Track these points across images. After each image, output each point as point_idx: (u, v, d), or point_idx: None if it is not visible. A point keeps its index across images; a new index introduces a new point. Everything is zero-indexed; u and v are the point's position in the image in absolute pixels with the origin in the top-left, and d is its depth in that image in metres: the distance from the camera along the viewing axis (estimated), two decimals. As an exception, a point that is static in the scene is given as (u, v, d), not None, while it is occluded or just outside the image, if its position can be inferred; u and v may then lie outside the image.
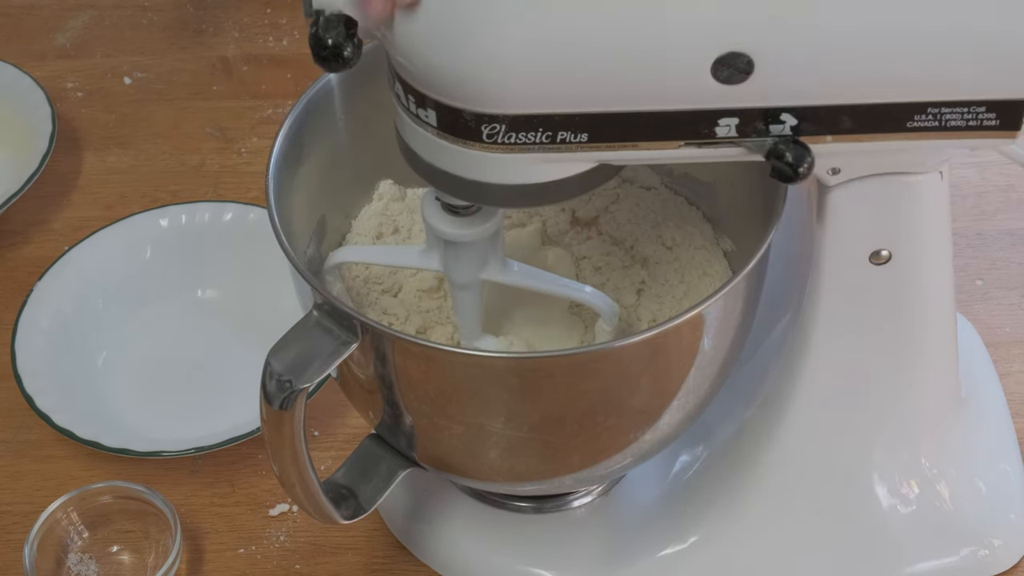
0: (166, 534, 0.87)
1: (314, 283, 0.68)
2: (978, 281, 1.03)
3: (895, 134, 0.64)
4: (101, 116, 1.21)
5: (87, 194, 1.14)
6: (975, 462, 0.85)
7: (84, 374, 0.98)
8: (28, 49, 1.27)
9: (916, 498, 0.83)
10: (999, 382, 0.93)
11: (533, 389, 0.70)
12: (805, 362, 0.78)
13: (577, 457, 0.76)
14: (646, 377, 0.71)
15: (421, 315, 0.79)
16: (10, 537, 0.91)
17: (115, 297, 1.02)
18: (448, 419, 0.72)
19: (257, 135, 1.18)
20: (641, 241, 0.82)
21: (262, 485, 0.92)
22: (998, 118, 0.64)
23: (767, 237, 0.70)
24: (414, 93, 0.63)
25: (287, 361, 0.67)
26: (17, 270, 1.07)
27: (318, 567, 0.88)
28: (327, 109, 0.79)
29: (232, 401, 0.94)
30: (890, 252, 0.73)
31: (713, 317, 0.69)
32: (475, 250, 0.72)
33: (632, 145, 0.63)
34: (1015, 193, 1.09)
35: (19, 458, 0.95)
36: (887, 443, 0.82)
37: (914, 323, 0.77)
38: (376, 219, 0.83)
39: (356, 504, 0.77)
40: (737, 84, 0.61)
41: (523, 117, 0.62)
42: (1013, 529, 0.86)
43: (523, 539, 0.86)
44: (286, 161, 0.75)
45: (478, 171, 0.64)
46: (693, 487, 0.85)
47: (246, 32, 1.28)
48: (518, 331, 0.79)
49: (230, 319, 1.02)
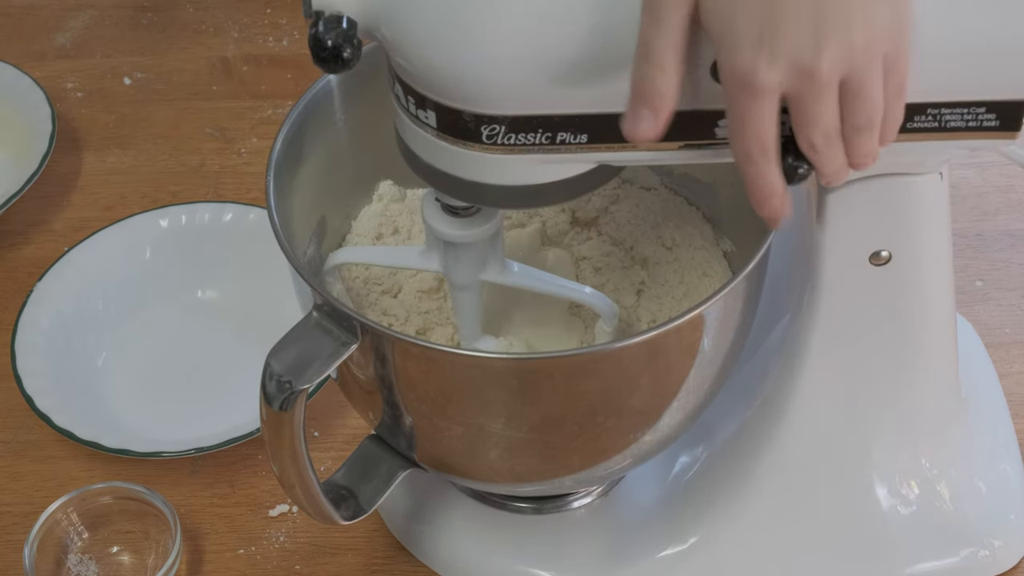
0: (166, 535, 0.87)
1: (314, 284, 0.68)
2: (978, 282, 1.03)
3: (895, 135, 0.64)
4: (101, 116, 1.21)
5: (87, 195, 1.14)
6: (975, 463, 0.85)
7: (84, 374, 0.98)
8: (28, 49, 1.26)
9: (916, 498, 0.83)
10: (999, 383, 0.93)
11: (533, 390, 0.70)
12: (805, 363, 0.78)
13: (577, 458, 0.76)
14: (646, 378, 0.71)
15: (421, 316, 0.79)
16: (10, 538, 0.91)
17: (115, 298, 1.02)
18: (448, 420, 0.72)
19: (257, 135, 1.18)
20: (641, 242, 0.82)
21: (262, 486, 0.92)
22: (998, 119, 0.64)
23: (767, 238, 0.70)
24: (414, 94, 0.63)
25: (287, 362, 0.67)
26: (17, 271, 1.07)
27: (318, 568, 0.88)
28: (327, 110, 0.79)
29: (232, 402, 0.94)
30: (890, 253, 0.73)
31: (713, 318, 0.69)
32: (475, 251, 0.72)
33: (631, 146, 0.63)
34: (1015, 194, 1.09)
35: (19, 459, 0.95)
36: (887, 443, 0.82)
37: (914, 324, 0.77)
38: (376, 220, 0.83)
39: (356, 505, 0.77)
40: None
41: (523, 118, 0.62)
42: (1013, 529, 0.86)
43: (523, 540, 0.86)
44: (286, 162, 0.75)
45: (478, 172, 0.64)
46: (693, 488, 0.85)
47: (246, 32, 1.28)
48: (518, 332, 0.79)
49: (230, 320, 1.02)
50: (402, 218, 0.83)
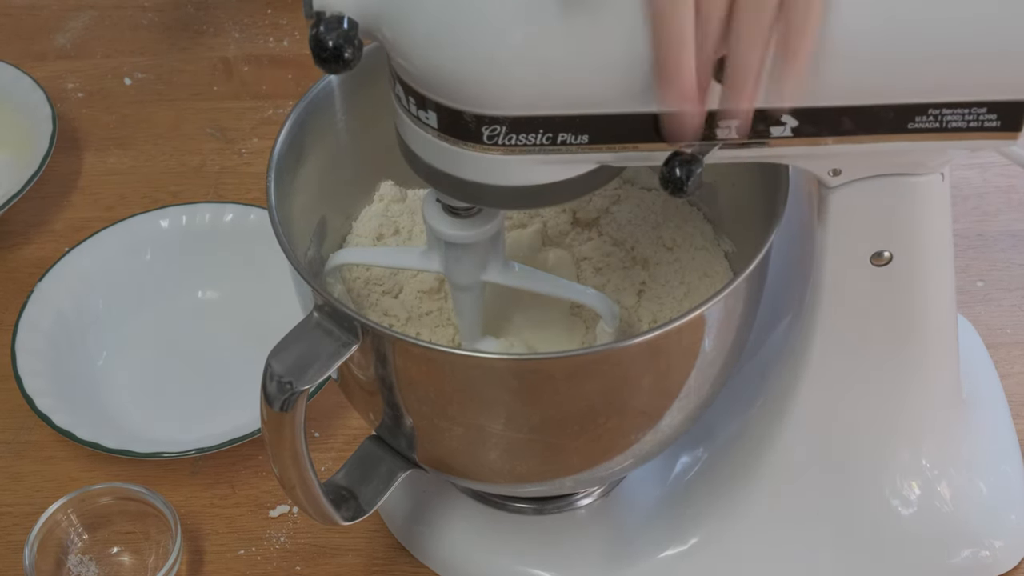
0: (166, 535, 0.87)
1: (314, 284, 0.68)
2: (979, 282, 1.03)
3: (896, 135, 0.64)
4: (101, 117, 1.21)
5: (87, 195, 1.14)
6: (976, 463, 0.85)
7: (84, 374, 0.98)
8: (28, 49, 1.26)
9: (917, 499, 0.83)
10: (1000, 383, 0.93)
11: (533, 390, 0.70)
12: (806, 363, 0.78)
13: (578, 458, 0.75)
14: (647, 378, 0.71)
15: (421, 317, 0.79)
16: (10, 538, 0.90)
17: (115, 298, 1.02)
18: (448, 420, 0.72)
19: (258, 136, 1.18)
20: (642, 242, 0.82)
21: (262, 486, 0.92)
22: (999, 119, 0.64)
23: (768, 238, 0.70)
24: (414, 95, 0.63)
25: (288, 362, 0.67)
26: (17, 271, 1.07)
27: (318, 568, 0.88)
28: (328, 110, 0.79)
29: (232, 402, 0.94)
30: (891, 253, 0.73)
31: (714, 318, 0.69)
32: (476, 251, 0.72)
33: (633, 147, 0.63)
34: (1016, 194, 1.09)
35: (19, 459, 0.95)
36: (888, 444, 0.82)
37: (915, 324, 0.77)
38: (376, 220, 0.83)
39: (356, 505, 0.77)
40: (737, 86, 0.61)
41: (524, 118, 0.62)
42: (1014, 530, 0.86)
43: (523, 540, 0.86)
44: (286, 162, 0.75)
45: (478, 173, 0.64)
46: (694, 488, 0.85)
47: (246, 32, 1.28)
48: (518, 333, 0.79)
49: (230, 320, 1.02)
50: (403, 219, 0.83)
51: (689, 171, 0.61)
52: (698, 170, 0.61)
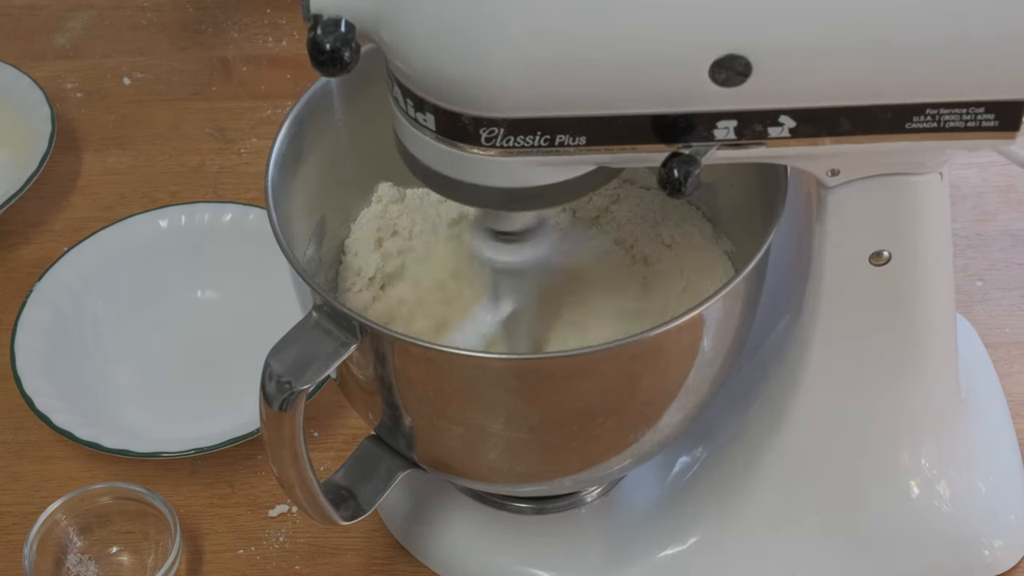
0: (165, 535, 0.87)
1: (313, 284, 0.68)
2: (978, 282, 1.03)
3: (894, 135, 0.64)
4: (101, 117, 1.21)
5: (87, 195, 1.14)
6: (975, 463, 0.85)
7: (84, 374, 0.98)
8: (28, 49, 1.26)
9: (916, 498, 0.83)
10: (999, 383, 0.93)
11: (533, 390, 0.70)
12: (805, 363, 0.78)
13: (577, 458, 0.76)
14: (646, 378, 0.71)
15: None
16: (10, 538, 0.91)
17: (115, 298, 1.02)
18: (448, 420, 0.72)
19: (257, 136, 1.18)
20: (641, 240, 0.82)
21: (262, 486, 0.92)
22: (997, 119, 0.64)
23: (767, 237, 0.70)
24: (412, 97, 0.63)
25: (287, 362, 0.67)
26: (17, 271, 1.07)
27: (318, 568, 0.88)
28: (327, 110, 0.79)
29: (232, 402, 0.94)
30: (890, 253, 0.73)
31: (713, 318, 0.69)
32: None
33: (631, 148, 0.63)
34: (1015, 193, 1.09)
35: (19, 459, 0.95)
36: (887, 443, 0.82)
37: (914, 324, 0.77)
38: (375, 223, 0.83)
39: (356, 505, 0.77)
40: (735, 87, 0.61)
41: (522, 120, 0.62)
42: (1013, 530, 0.86)
43: (523, 540, 0.86)
44: (285, 162, 0.75)
45: (477, 174, 0.64)
46: (693, 488, 0.85)
47: (245, 32, 1.28)
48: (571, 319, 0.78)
49: (230, 320, 1.02)
50: (402, 220, 0.83)
51: (687, 172, 0.61)
52: (696, 171, 0.61)
